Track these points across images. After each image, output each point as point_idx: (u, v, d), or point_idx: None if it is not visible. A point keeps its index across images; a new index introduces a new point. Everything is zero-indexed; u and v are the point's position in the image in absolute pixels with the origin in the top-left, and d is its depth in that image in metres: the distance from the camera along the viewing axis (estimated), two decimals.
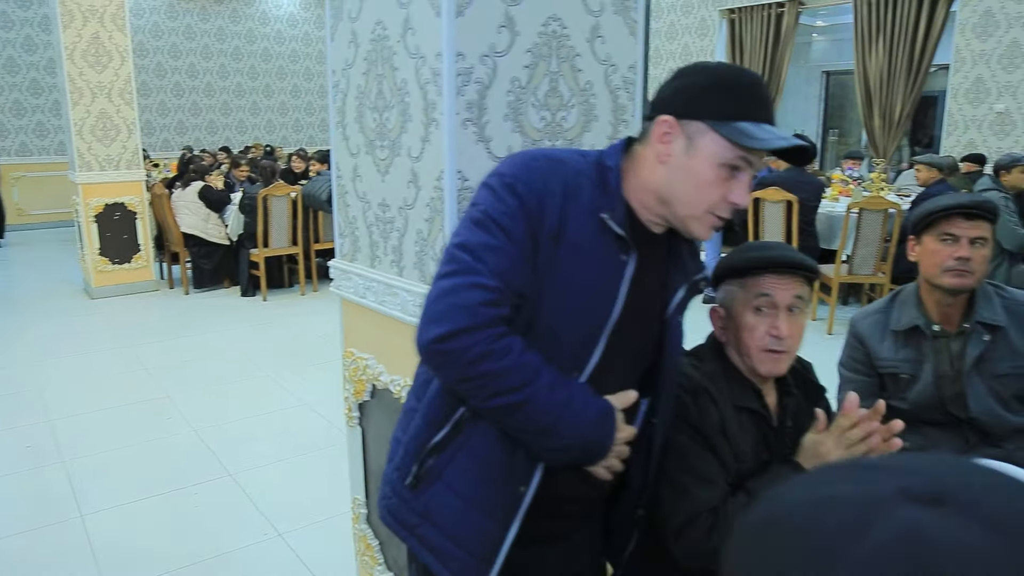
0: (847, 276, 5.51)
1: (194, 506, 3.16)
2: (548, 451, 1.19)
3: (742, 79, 1.15)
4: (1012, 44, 7.45)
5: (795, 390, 1.57)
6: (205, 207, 6.85)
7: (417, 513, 1.28)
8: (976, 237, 1.89)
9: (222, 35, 12.43)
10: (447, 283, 1.14)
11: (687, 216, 1.18)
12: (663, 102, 1.17)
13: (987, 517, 0.41)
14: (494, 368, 1.11)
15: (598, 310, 1.19)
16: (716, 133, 1.12)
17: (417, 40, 1.63)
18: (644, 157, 1.20)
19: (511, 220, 1.14)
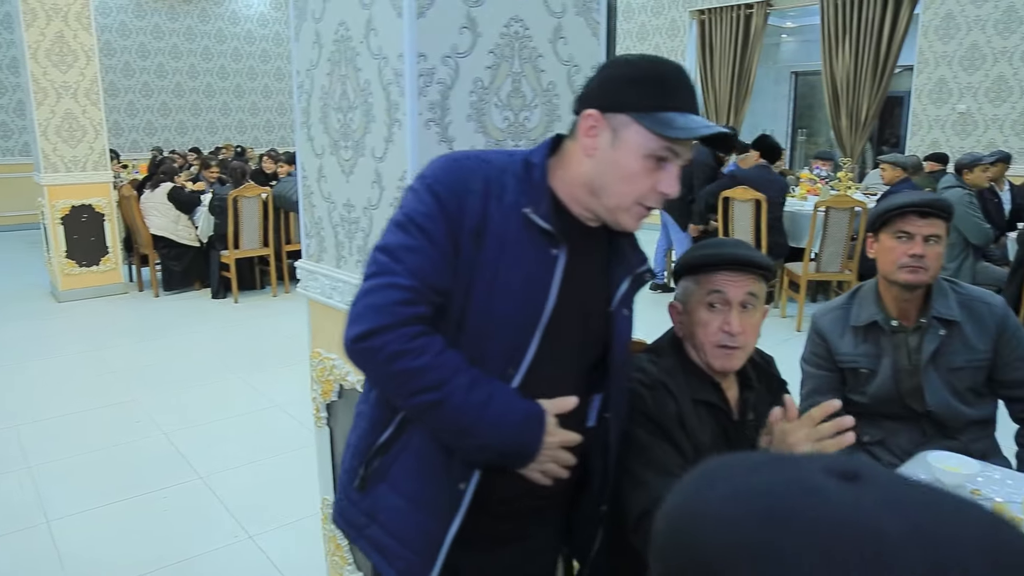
0: (815, 274, 5.59)
1: (163, 510, 3.13)
2: (469, 451, 1.20)
3: (663, 70, 1.17)
4: (972, 46, 7.62)
5: (756, 384, 1.60)
6: (175, 208, 6.78)
7: (365, 513, 1.30)
8: (930, 235, 1.94)
9: (191, 35, 12.31)
10: (366, 284, 1.17)
11: (616, 207, 1.20)
12: (588, 96, 1.18)
13: (893, 501, 0.42)
14: (410, 367, 1.13)
15: (530, 306, 1.20)
16: (639, 125, 1.13)
17: (380, 41, 1.63)
18: (572, 152, 1.21)
19: (430, 221, 1.16)
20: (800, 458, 0.47)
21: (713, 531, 0.45)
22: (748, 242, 5.72)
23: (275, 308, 6.46)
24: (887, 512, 0.41)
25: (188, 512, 3.11)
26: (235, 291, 6.61)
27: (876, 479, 0.44)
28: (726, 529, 0.44)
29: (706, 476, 0.49)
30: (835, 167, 7.37)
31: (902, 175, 5.70)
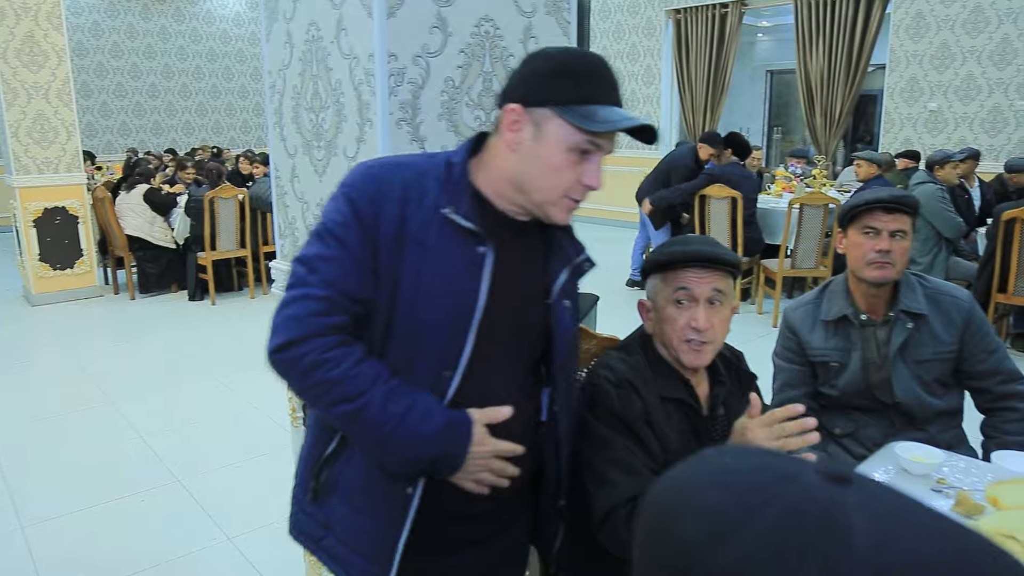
0: (791, 270, 5.66)
1: (140, 513, 3.11)
2: (394, 463, 1.20)
3: (584, 62, 1.17)
4: (942, 46, 7.73)
5: (727, 379, 1.61)
6: (151, 210, 6.72)
7: (320, 525, 1.30)
8: (896, 230, 1.97)
9: (165, 34, 12.19)
10: (285, 296, 1.18)
11: (543, 202, 1.19)
12: (510, 90, 1.18)
13: (871, 506, 0.43)
14: (327, 377, 1.13)
15: (460, 306, 1.19)
16: (561, 118, 1.13)
17: (350, 41, 1.64)
18: (496, 147, 1.21)
19: (345, 229, 1.16)
20: (798, 459, 0.49)
21: (691, 508, 0.47)
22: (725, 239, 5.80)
23: (253, 310, 6.43)
24: (862, 515, 0.43)
25: (166, 515, 3.09)
26: (212, 293, 6.56)
27: (864, 485, 0.45)
28: (704, 509, 0.46)
29: (695, 463, 0.51)
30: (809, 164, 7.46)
31: (876, 171, 5.78)
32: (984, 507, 1.50)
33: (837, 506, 0.43)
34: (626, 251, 7.12)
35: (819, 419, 2.15)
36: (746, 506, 0.44)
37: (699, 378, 1.58)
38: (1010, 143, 7.39)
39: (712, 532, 0.44)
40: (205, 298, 6.66)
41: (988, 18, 7.41)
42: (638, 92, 10.53)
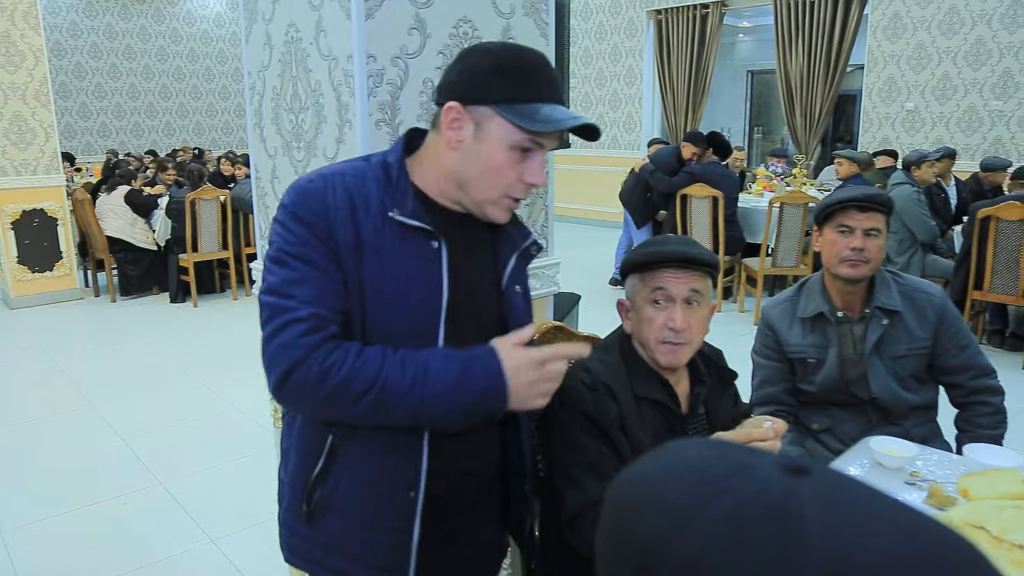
0: (771, 268, 5.71)
1: (123, 517, 3.10)
2: (441, 423, 1.18)
3: (524, 61, 1.16)
4: (918, 46, 7.85)
5: (707, 378, 1.62)
6: (132, 212, 6.68)
7: (319, 546, 1.28)
8: (870, 228, 2.00)
9: (145, 35, 12.11)
10: (266, 331, 1.15)
11: (483, 200, 1.19)
12: (449, 87, 1.16)
13: (827, 497, 0.44)
14: (338, 379, 1.11)
15: (426, 302, 1.19)
16: (502, 117, 1.13)
17: (329, 42, 1.65)
18: (436, 144, 1.20)
19: (305, 247, 1.15)
20: (758, 450, 0.50)
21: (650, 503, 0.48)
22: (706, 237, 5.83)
23: (235, 311, 6.40)
24: (817, 505, 0.43)
25: (148, 518, 3.08)
26: (194, 295, 6.53)
27: (822, 476, 0.46)
28: (662, 503, 0.47)
29: (655, 457, 0.52)
30: (790, 164, 7.54)
31: (857, 170, 5.86)
32: (956, 499, 1.53)
33: (792, 497, 0.44)
34: (609, 251, 7.16)
35: (797, 415, 2.19)
36: (702, 498, 0.45)
37: (679, 377, 1.58)
38: (985, 142, 7.51)
39: (670, 525, 0.45)
40: (187, 300, 6.63)
41: (963, 19, 7.52)
42: (620, 92, 10.58)
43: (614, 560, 0.49)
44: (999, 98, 7.38)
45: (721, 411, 1.63)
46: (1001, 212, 4.55)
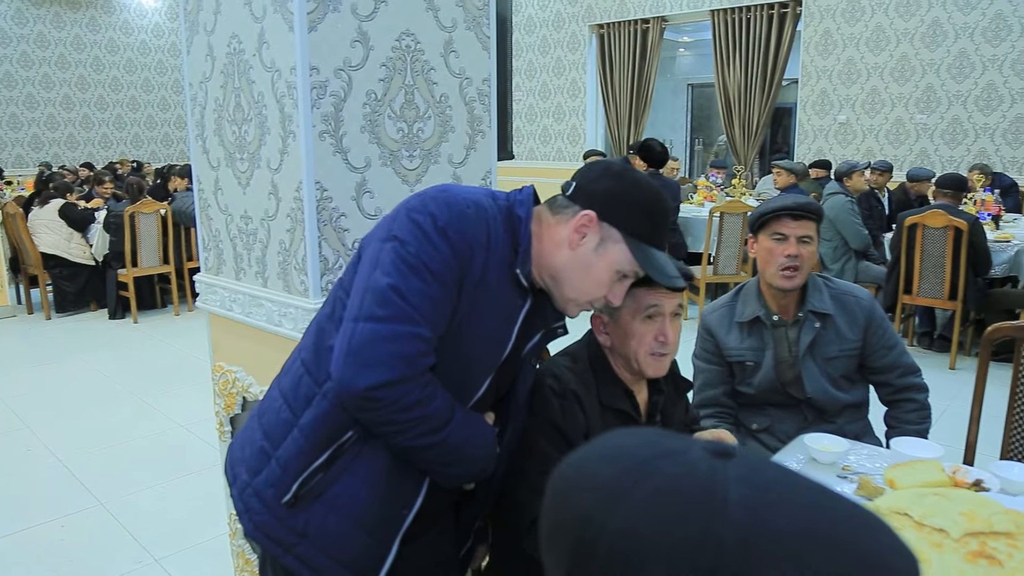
0: (713, 276, 5.85)
1: (61, 539, 3.01)
2: (452, 477, 1.28)
3: (664, 208, 1.28)
4: (848, 62, 8.18)
5: (665, 387, 1.67)
6: (67, 226, 6.48)
7: (295, 532, 1.26)
8: (803, 235, 2.07)
9: (80, 44, 11.79)
10: (385, 328, 1.13)
11: (571, 300, 1.29)
12: (593, 196, 1.24)
13: (748, 478, 0.48)
14: (423, 414, 1.16)
15: (494, 351, 1.28)
16: (626, 247, 1.23)
17: (272, 54, 1.66)
18: (552, 228, 1.27)
19: (444, 267, 1.16)
20: (687, 437, 0.54)
21: (584, 483, 0.51)
22: None
23: (178, 327, 6.27)
24: (739, 485, 0.47)
25: (89, 540, 3.00)
26: (134, 311, 6.37)
27: (745, 460, 0.50)
28: (595, 483, 0.51)
29: (592, 444, 0.56)
30: (729, 175, 7.74)
31: (794, 180, 6.07)
32: (884, 489, 1.60)
33: (717, 478, 0.48)
34: None
35: (737, 416, 2.26)
36: (633, 477, 0.49)
37: (640, 386, 1.63)
38: (912, 153, 7.84)
39: (602, 503, 0.49)
40: (127, 316, 6.46)
41: (888, 37, 7.87)
42: (564, 105, 10.72)
43: (554, 537, 0.53)
44: (923, 112, 7.74)
45: (675, 418, 1.69)
46: (927, 220, 4.76)
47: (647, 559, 0.46)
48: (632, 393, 1.60)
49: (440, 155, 1.84)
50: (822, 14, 8.25)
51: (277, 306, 1.79)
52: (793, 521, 0.46)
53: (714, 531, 0.45)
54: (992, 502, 1.37)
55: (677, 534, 0.46)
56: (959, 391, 4.30)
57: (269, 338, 1.84)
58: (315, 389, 1.25)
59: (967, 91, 7.47)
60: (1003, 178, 6.78)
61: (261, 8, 1.67)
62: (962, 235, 4.63)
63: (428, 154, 1.81)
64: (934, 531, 1.29)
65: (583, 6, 10.32)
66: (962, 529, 1.27)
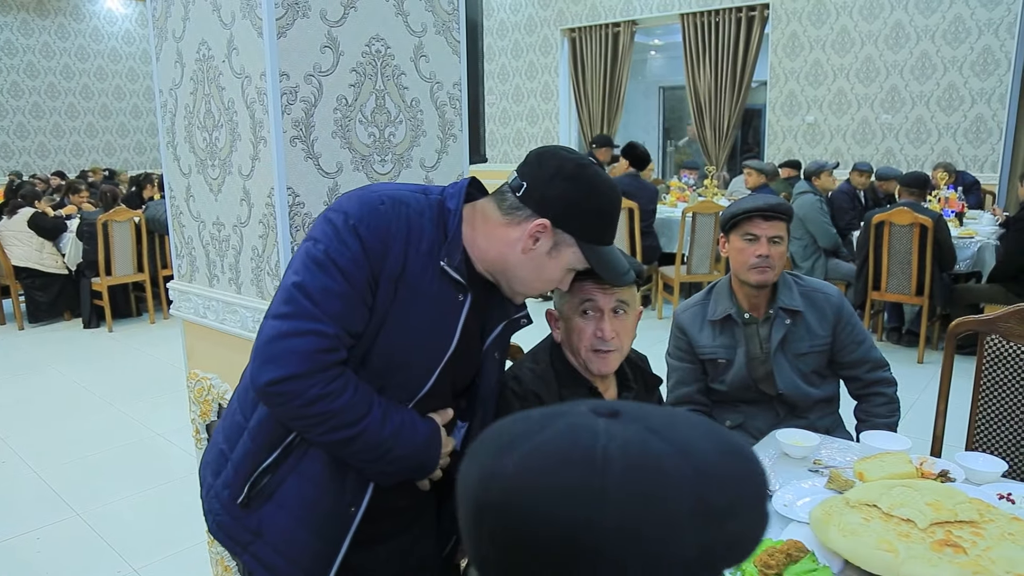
0: (687, 276, 5.90)
1: (37, 551, 2.97)
2: (381, 475, 1.27)
3: (617, 207, 1.30)
4: (815, 64, 8.32)
5: (634, 383, 1.69)
6: (38, 236, 6.39)
7: (250, 531, 1.30)
8: (774, 236, 2.10)
9: (49, 52, 11.63)
10: (284, 325, 1.15)
11: (521, 292, 1.32)
12: (547, 203, 1.23)
13: (652, 427, 0.53)
14: (329, 408, 1.16)
15: (435, 347, 1.27)
16: (579, 249, 1.26)
17: (242, 60, 1.67)
18: (501, 228, 1.26)
19: (353, 264, 1.17)
20: (571, 406, 0.58)
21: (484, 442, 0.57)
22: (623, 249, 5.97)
23: (153, 335, 6.21)
24: (652, 436, 0.53)
25: (65, 551, 2.97)
26: (109, 320, 6.30)
27: (632, 413, 0.56)
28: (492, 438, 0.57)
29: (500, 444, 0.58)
30: (702, 176, 7.83)
31: (764, 180, 6.14)
32: (854, 482, 1.63)
33: (599, 428, 0.53)
34: None
35: (711, 413, 2.28)
36: (526, 431, 0.55)
37: (607, 384, 1.64)
38: (878, 153, 7.99)
39: (497, 450, 0.54)
40: (101, 325, 6.39)
41: (853, 39, 8.02)
42: (537, 108, 10.77)
43: (464, 498, 0.57)
44: (888, 112, 7.89)
45: None
46: (894, 217, 4.85)
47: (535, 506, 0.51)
48: (597, 389, 1.60)
49: (412, 159, 1.85)
50: (789, 17, 8.38)
51: (251, 312, 1.80)
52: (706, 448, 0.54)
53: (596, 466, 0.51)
54: (957, 492, 1.40)
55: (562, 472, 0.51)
56: (927, 384, 4.38)
57: (244, 344, 1.84)
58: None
59: (930, 92, 7.63)
60: (966, 176, 6.92)
61: (230, 14, 1.67)
62: (927, 232, 4.72)
63: (400, 158, 1.82)
64: (902, 521, 1.31)
65: (555, 10, 10.38)
66: (928, 519, 1.30)
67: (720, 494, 0.51)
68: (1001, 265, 4.78)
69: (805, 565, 1.27)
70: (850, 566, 1.27)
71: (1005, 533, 1.27)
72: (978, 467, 1.65)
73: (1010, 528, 1.29)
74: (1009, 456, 2.11)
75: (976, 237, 5.14)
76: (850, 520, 1.33)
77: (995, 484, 1.60)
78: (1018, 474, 2.11)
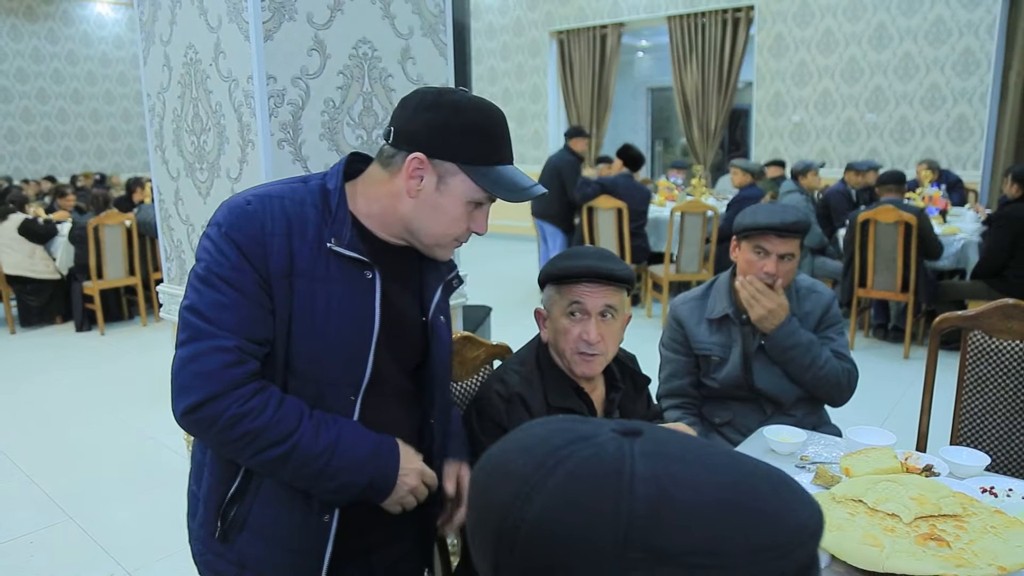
0: (676, 275, 5.93)
1: (31, 556, 2.96)
2: (328, 493, 1.21)
3: (492, 122, 1.19)
4: (800, 64, 8.40)
5: (622, 383, 1.69)
6: (28, 242, 6.35)
7: (234, 564, 1.28)
8: (785, 253, 2.09)
9: (39, 56, 11.58)
10: (185, 351, 1.12)
11: (434, 244, 1.24)
12: (413, 136, 1.16)
13: (654, 452, 0.52)
14: (252, 427, 1.11)
15: (358, 331, 1.20)
16: (466, 175, 1.17)
17: (229, 64, 1.68)
18: (384, 183, 1.21)
19: (236, 272, 1.13)
20: (600, 421, 0.57)
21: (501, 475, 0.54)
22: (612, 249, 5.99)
23: (146, 339, 6.19)
24: (646, 460, 0.51)
25: (59, 556, 2.96)
26: (101, 323, 6.28)
27: (652, 435, 0.54)
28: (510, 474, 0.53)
29: (511, 435, 0.58)
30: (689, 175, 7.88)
31: (750, 180, 6.17)
32: (840, 477, 1.64)
33: (624, 456, 0.51)
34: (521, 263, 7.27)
35: (700, 409, 2.29)
36: (545, 466, 0.52)
37: (595, 384, 1.64)
38: (863, 152, 8.06)
39: (517, 494, 0.52)
40: (93, 329, 6.37)
41: (837, 40, 8.10)
42: (526, 109, 10.80)
43: (477, 530, 0.56)
44: (872, 111, 7.97)
45: (635, 414, 1.70)
46: (878, 215, 4.89)
47: (565, 541, 0.49)
48: (584, 391, 1.60)
49: None
50: (774, 18, 8.45)
51: None
52: (698, 489, 0.50)
53: (624, 507, 0.48)
54: (941, 486, 1.42)
55: (591, 514, 0.49)
56: (913, 379, 4.43)
57: None
58: None
59: (913, 91, 7.71)
60: (949, 174, 6.99)
61: (216, 18, 1.68)
62: (912, 229, 4.77)
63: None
64: (887, 516, 1.33)
65: (543, 12, 10.42)
66: (913, 513, 1.32)
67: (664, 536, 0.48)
68: (984, 262, 4.82)
69: None
70: (836, 561, 1.28)
71: (988, 526, 1.29)
72: (961, 461, 1.67)
73: (992, 521, 1.31)
74: (992, 450, 2.14)
75: (959, 234, 5.19)
76: (836, 515, 1.35)
77: (978, 478, 1.62)
78: (1000, 467, 2.14)
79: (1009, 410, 2.13)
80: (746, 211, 2.18)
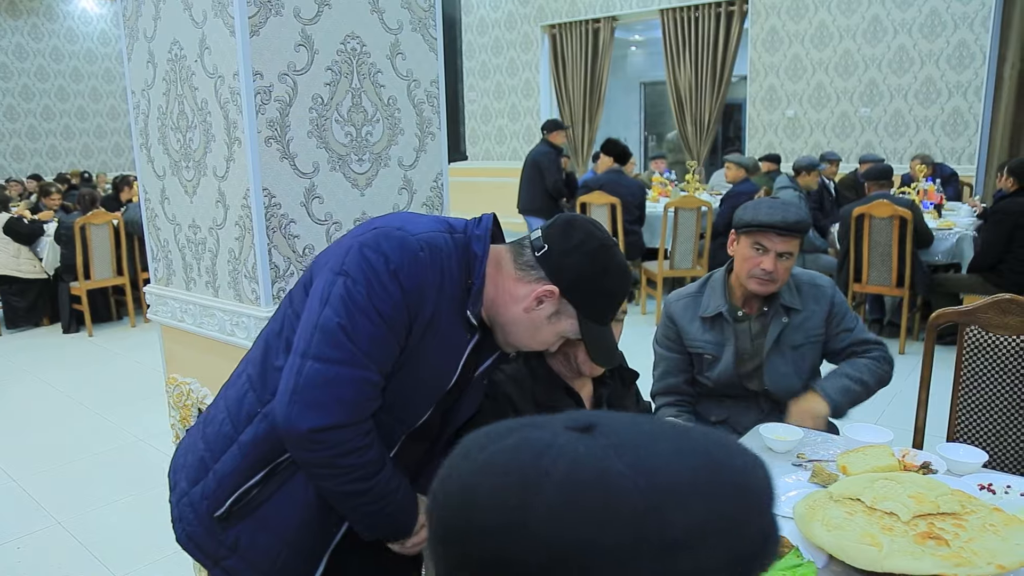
0: (670, 271, 5.91)
1: (18, 561, 2.93)
2: (365, 527, 1.28)
3: (623, 292, 1.32)
4: (794, 58, 8.38)
5: (610, 379, 1.68)
6: (14, 242, 6.29)
7: (225, 546, 1.28)
8: (784, 251, 2.07)
9: (22, 53, 11.47)
10: (332, 371, 1.13)
11: (511, 344, 1.34)
12: (560, 271, 1.25)
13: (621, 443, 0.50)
14: (358, 462, 1.17)
15: (437, 380, 1.29)
16: (577, 322, 1.28)
17: (214, 60, 1.64)
18: (511, 283, 1.28)
19: (394, 312, 1.16)
20: (546, 419, 0.55)
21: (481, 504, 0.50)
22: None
23: (134, 339, 6.14)
24: (614, 454, 0.48)
25: (46, 560, 2.93)
26: (88, 324, 6.23)
27: (609, 426, 0.52)
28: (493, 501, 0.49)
29: (468, 462, 0.54)
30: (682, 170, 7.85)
31: (744, 174, 6.15)
32: (837, 475, 1.63)
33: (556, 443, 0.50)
34: None
35: (696, 407, 2.28)
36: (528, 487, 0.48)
37: (582, 382, 1.63)
38: (858, 146, 8.06)
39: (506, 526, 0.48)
40: (81, 330, 6.31)
41: (831, 33, 8.09)
42: (519, 104, 10.76)
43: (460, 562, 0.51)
44: (866, 105, 7.96)
45: (625, 410, 1.68)
46: (873, 210, 4.88)
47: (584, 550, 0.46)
48: (573, 389, 1.59)
49: (390, 158, 1.83)
50: (768, 11, 8.43)
51: (229, 315, 1.77)
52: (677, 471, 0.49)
53: (624, 506, 0.47)
54: (939, 484, 1.41)
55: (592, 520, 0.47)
56: (909, 374, 4.41)
57: (222, 348, 1.82)
58: (257, 408, 1.25)
59: (907, 85, 7.70)
60: (943, 168, 6.99)
61: (201, 13, 1.65)
62: (907, 223, 4.76)
63: (377, 158, 1.81)
64: (885, 515, 1.32)
65: (535, 7, 10.37)
66: (911, 512, 1.30)
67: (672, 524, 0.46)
68: (979, 256, 4.82)
69: (789, 561, 1.27)
70: (834, 560, 1.27)
71: (986, 524, 1.28)
72: (959, 458, 1.66)
73: (991, 519, 1.30)
74: (989, 446, 2.13)
75: (955, 228, 5.19)
76: (834, 515, 1.34)
77: (976, 475, 1.61)
78: (998, 464, 2.12)
79: (1006, 406, 2.12)
80: (747, 206, 2.16)
